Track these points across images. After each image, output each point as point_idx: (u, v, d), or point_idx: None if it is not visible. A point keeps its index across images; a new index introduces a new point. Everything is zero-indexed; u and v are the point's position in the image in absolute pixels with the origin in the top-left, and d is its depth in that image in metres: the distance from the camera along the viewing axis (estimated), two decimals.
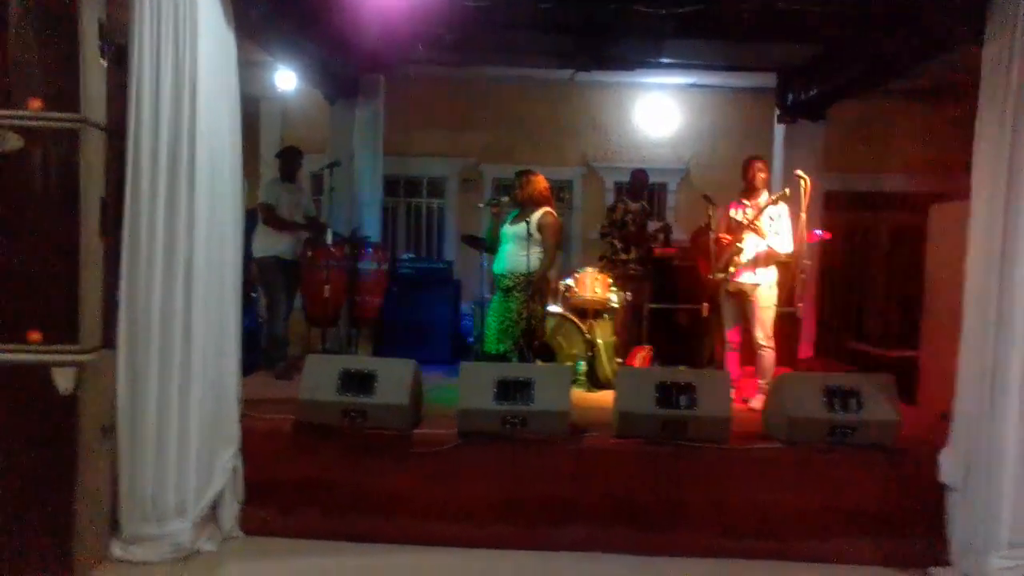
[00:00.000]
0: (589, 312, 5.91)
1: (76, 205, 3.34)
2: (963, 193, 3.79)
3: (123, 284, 3.52)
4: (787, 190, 5.04)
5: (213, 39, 3.67)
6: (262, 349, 5.97)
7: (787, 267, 5.18)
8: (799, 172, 4.88)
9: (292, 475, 3.97)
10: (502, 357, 4.89)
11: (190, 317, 3.58)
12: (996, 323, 3.53)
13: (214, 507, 3.78)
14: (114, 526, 3.58)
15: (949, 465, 3.74)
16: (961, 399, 3.73)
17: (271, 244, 5.76)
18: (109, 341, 3.55)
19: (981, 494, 3.58)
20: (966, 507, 3.65)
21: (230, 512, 3.84)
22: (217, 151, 3.71)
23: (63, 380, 3.32)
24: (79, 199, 3.34)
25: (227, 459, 3.81)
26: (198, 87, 3.55)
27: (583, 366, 5.72)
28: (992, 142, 3.59)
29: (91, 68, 3.37)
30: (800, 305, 5.14)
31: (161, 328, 3.53)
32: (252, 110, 8.35)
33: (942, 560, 3.73)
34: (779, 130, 7.79)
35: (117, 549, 3.54)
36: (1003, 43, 3.52)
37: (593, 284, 5.87)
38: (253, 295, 6.71)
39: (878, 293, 8.70)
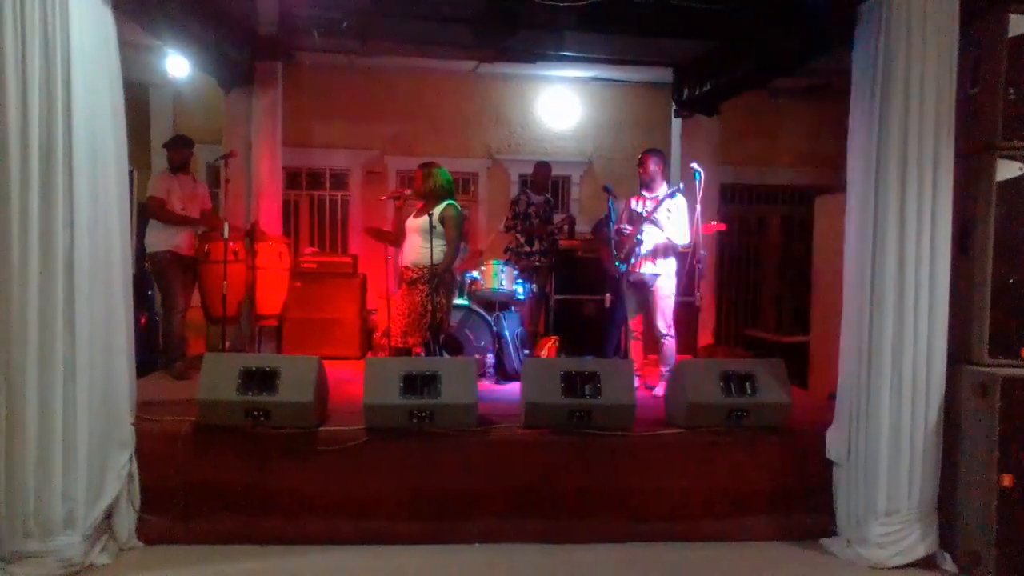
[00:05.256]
0: (495, 304, 5.93)
1: None
2: (845, 185, 4.01)
3: None
4: (682, 183, 5.20)
5: (89, 18, 3.45)
6: (159, 348, 5.68)
7: (685, 257, 5.36)
8: (694, 164, 5.05)
9: (193, 479, 3.81)
10: (409, 352, 4.85)
11: (73, 314, 3.37)
12: (870, 308, 3.76)
13: (109, 517, 3.60)
14: None
15: (834, 442, 3.98)
16: (843, 380, 3.96)
17: (166, 238, 5.50)
18: None
19: (861, 468, 3.82)
20: (849, 481, 3.89)
21: (127, 521, 3.67)
22: (99, 138, 3.50)
23: None
24: None
25: (121, 465, 3.64)
26: (72, 68, 3.33)
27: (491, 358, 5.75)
28: (862, 138, 3.82)
29: None
30: (699, 294, 5.32)
31: (40, 327, 3.31)
32: (141, 97, 7.91)
33: (830, 531, 3.97)
34: (676, 124, 8.02)
35: None
36: (870, 47, 3.75)
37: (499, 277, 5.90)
38: (149, 292, 6.38)
39: (771, 281, 9.13)
